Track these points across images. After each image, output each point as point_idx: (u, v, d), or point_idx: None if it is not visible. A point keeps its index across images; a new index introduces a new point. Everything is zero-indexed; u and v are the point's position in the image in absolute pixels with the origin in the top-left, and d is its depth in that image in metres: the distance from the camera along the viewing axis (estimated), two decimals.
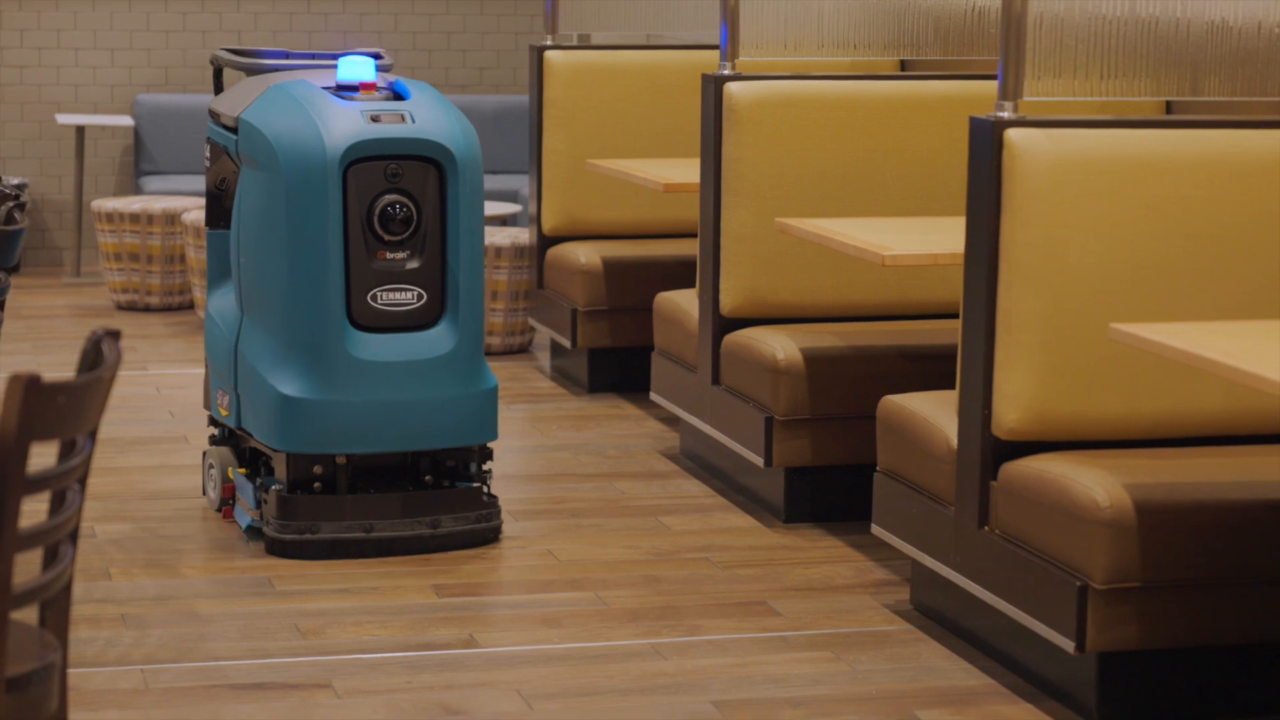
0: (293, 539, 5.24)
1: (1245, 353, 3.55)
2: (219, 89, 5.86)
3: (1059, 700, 4.33)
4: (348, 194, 5.24)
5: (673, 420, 6.85)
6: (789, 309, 5.92)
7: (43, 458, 2.80)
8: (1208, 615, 4.14)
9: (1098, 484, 4.12)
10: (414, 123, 5.28)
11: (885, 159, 5.93)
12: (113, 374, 2.76)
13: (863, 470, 5.27)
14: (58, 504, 2.86)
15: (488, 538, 5.42)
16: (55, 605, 2.97)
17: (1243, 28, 4.61)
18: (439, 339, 5.33)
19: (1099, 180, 4.37)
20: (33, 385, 2.55)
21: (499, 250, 7.89)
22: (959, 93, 5.95)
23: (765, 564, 5.31)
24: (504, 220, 8.91)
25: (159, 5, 10.21)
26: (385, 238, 5.27)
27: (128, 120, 10.00)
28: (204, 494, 5.79)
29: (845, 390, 5.60)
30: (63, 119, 9.82)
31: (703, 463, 6.28)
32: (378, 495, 5.30)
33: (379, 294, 5.28)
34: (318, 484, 5.28)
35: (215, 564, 5.25)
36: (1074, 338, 4.37)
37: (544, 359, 7.97)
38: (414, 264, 5.30)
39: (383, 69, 5.55)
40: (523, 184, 9.91)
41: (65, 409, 2.64)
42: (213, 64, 5.83)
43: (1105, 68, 4.60)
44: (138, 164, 10.16)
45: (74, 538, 2.89)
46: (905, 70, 6.38)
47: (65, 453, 2.82)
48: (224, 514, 5.58)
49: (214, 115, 5.63)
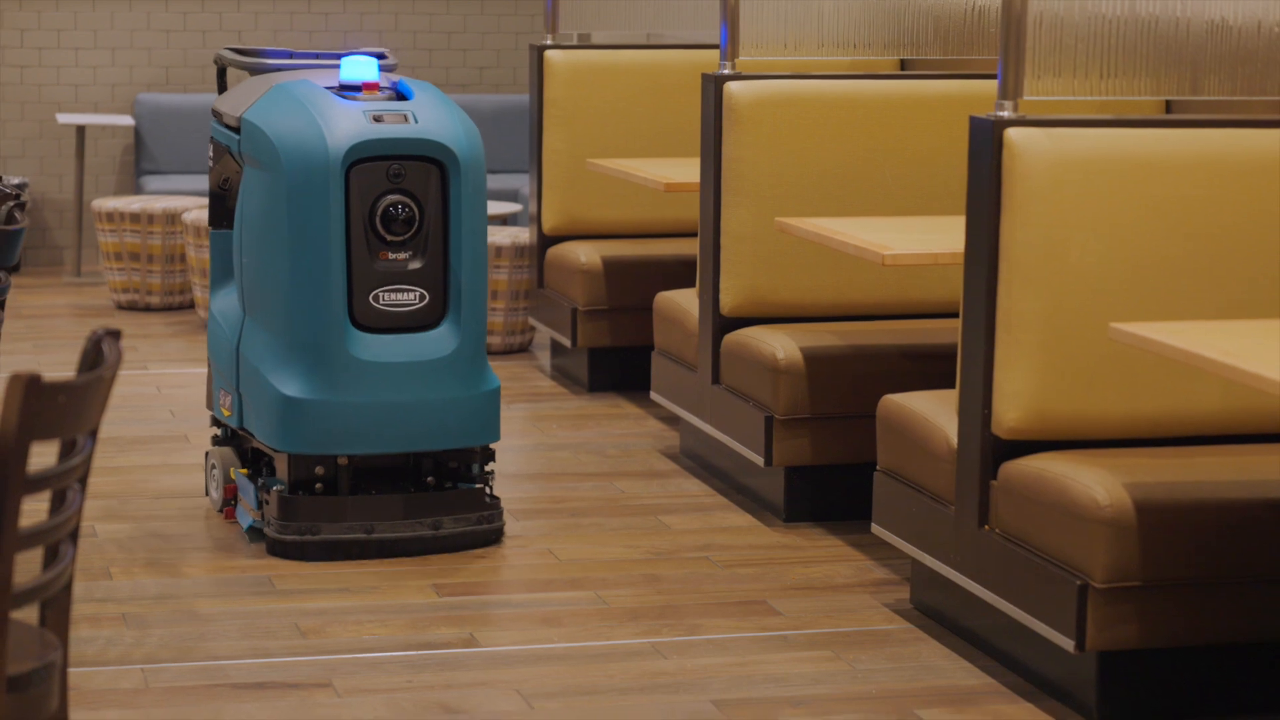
0: (293, 540, 5.24)
1: (1245, 352, 3.55)
2: (223, 88, 5.84)
3: (1059, 699, 4.33)
4: (350, 194, 5.23)
5: (673, 419, 6.85)
6: (789, 308, 5.92)
7: (43, 457, 2.80)
8: (1207, 614, 4.14)
9: (1097, 483, 4.12)
10: (416, 123, 5.27)
11: (885, 158, 5.93)
12: (113, 373, 2.76)
13: (863, 469, 5.27)
14: (58, 503, 2.86)
15: (490, 539, 5.41)
16: (56, 604, 2.97)
17: (1242, 27, 4.61)
18: (441, 340, 5.31)
19: (1099, 179, 4.37)
20: (33, 385, 2.56)
21: (499, 249, 7.89)
22: (959, 92, 5.95)
23: (765, 563, 5.31)
24: (504, 220, 8.91)
25: (159, 5, 10.21)
26: (387, 238, 5.25)
27: (128, 120, 9.99)
28: (206, 494, 5.78)
29: (845, 389, 5.60)
30: (63, 118, 9.82)
31: (703, 462, 6.28)
32: (379, 496, 5.28)
33: (381, 294, 5.27)
34: (319, 485, 5.27)
35: (216, 563, 5.25)
36: (1074, 337, 4.37)
37: (544, 358, 7.98)
38: (416, 264, 5.28)
39: (386, 69, 5.54)
40: (523, 183, 9.91)
41: (66, 408, 2.64)
42: (216, 63, 5.82)
43: (1105, 67, 4.60)
44: (138, 163, 10.16)
45: (74, 537, 2.89)
46: (905, 70, 6.38)
47: (66, 452, 2.82)
48: (226, 514, 5.57)
49: (217, 115, 5.62)
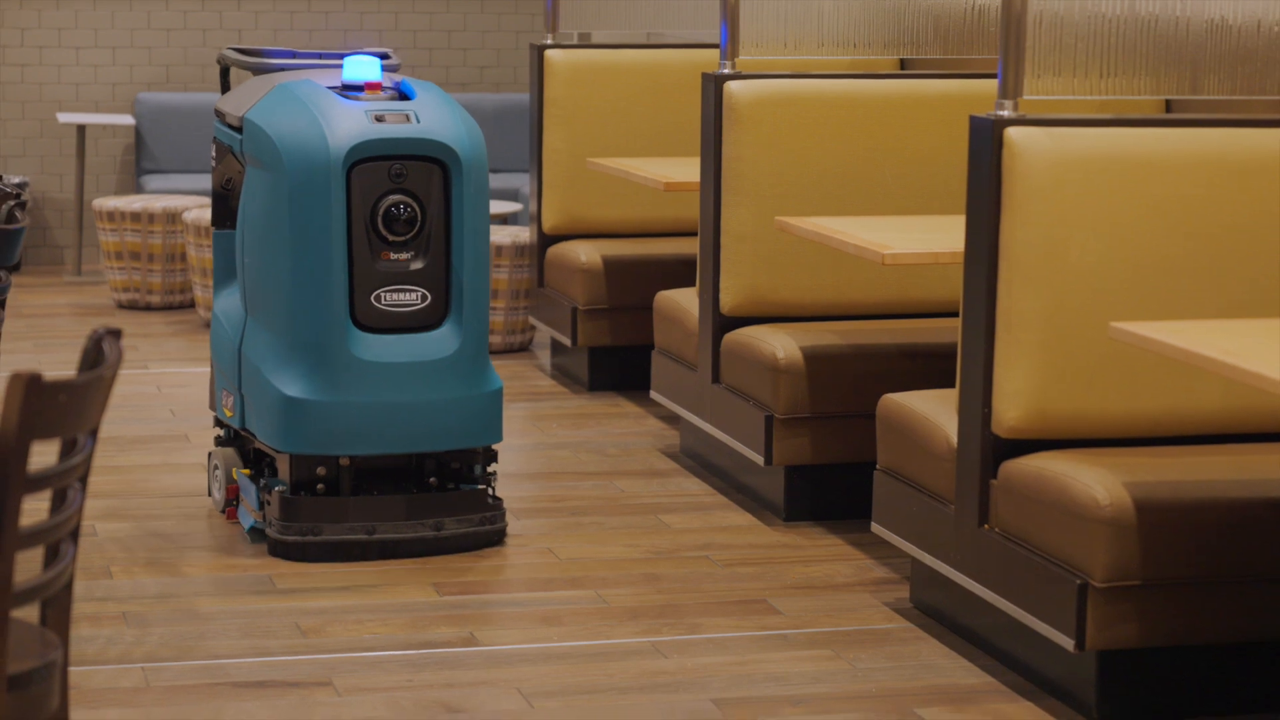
0: (295, 541, 5.23)
1: (1245, 351, 3.55)
2: (226, 88, 5.83)
3: (1059, 698, 4.33)
4: (351, 194, 5.21)
5: (673, 418, 6.85)
6: (789, 307, 5.92)
7: (44, 456, 2.80)
8: (1207, 613, 4.14)
9: (1098, 482, 4.12)
10: (418, 123, 5.25)
11: (885, 158, 5.93)
12: (114, 373, 2.76)
13: (863, 468, 5.27)
14: (59, 502, 2.87)
15: (492, 540, 5.39)
16: (56, 603, 2.97)
17: (1242, 26, 4.61)
18: (443, 340, 5.30)
19: (1099, 179, 4.37)
20: (34, 384, 2.56)
21: (499, 249, 7.89)
22: (959, 91, 5.95)
23: (765, 562, 5.32)
24: (504, 219, 8.91)
25: (160, 4, 10.21)
26: (389, 238, 5.24)
27: (129, 119, 9.99)
28: (209, 494, 5.78)
29: (845, 389, 5.60)
30: (64, 118, 9.82)
31: (703, 461, 6.28)
32: (381, 497, 5.27)
33: (383, 295, 5.26)
34: (321, 485, 5.26)
35: (216, 562, 5.25)
36: (1074, 336, 4.37)
37: (544, 357, 7.98)
38: (418, 265, 5.27)
39: (390, 69, 5.53)
40: (523, 182, 9.92)
41: (66, 407, 2.64)
42: (219, 63, 5.80)
43: (1105, 66, 4.60)
44: (139, 163, 10.16)
45: (75, 536, 2.90)
46: (905, 69, 6.38)
47: (66, 451, 2.83)
48: (228, 515, 5.56)
49: (220, 115, 5.60)
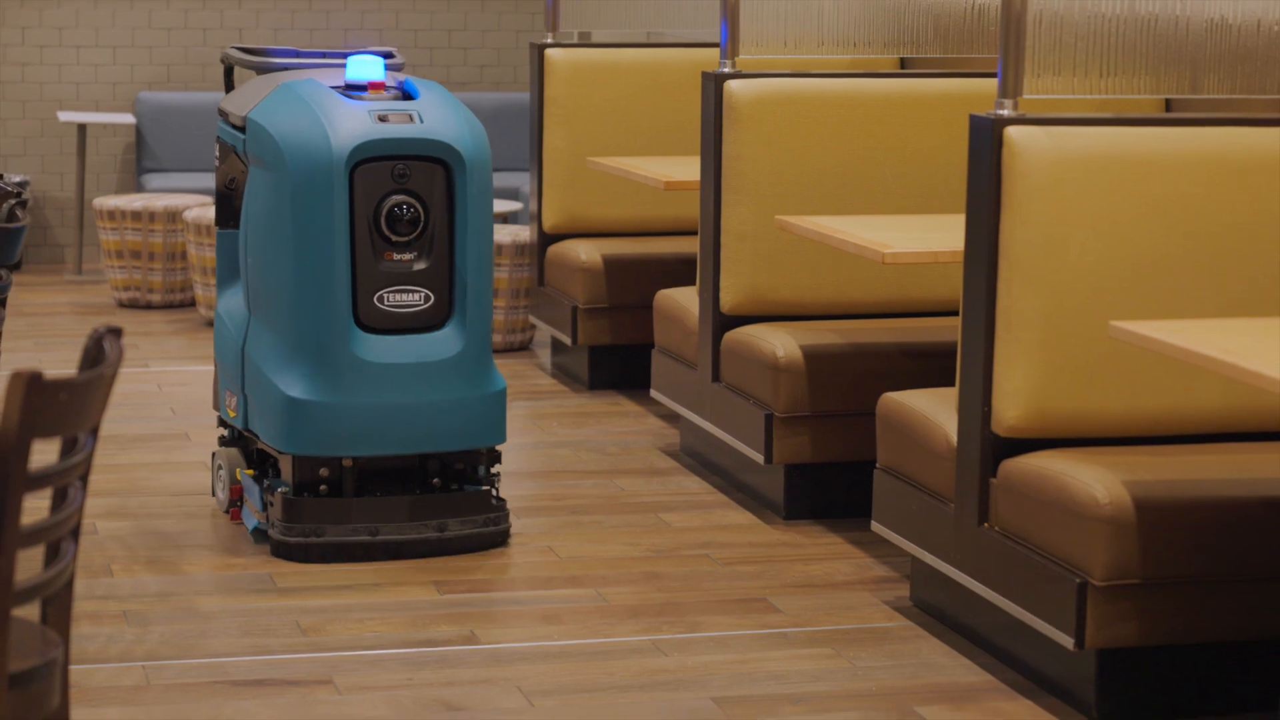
0: (298, 542, 5.21)
1: (1244, 350, 3.55)
2: (229, 88, 5.82)
3: (1058, 696, 4.34)
4: (354, 194, 5.20)
5: (673, 417, 6.86)
6: (789, 306, 5.92)
7: (44, 455, 2.81)
8: (1206, 612, 4.14)
9: (1097, 481, 4.13)
10: (422, 123, 5.24)
11: (885, 157, 5.93)
12: (114, 371, 2.77)
13: (863, 467, 5.27)
14: (59, 501, 2.87)
15: (495, 541, 5.37)
16: (57, 602, 2.97)
17: (1242, 25, 4.62)
18: (447, 340, 5.29)
19: (1099, 178, 4.37)
20: (34, 382, 2.56)
21: (500, 248, 7.89)
22: (959, 91, 5.95)
23: (765, 561, 5.32)
24: (505, 218, 8.92)
25: (160, 3, 10.21)
26: (392, 238, 5.23)
27: (129, 118, 10.00)
28: (213, 495, 5.78)
29: (845, 387, 5.61)
30: (64, 116, 9.83)
31: (703, 460, 6.28)
32: (384, 498, 5.26)
33: (386, 295, 5.24)
34: (324, 486, 5.25)
35: (217, 561, 5.25)
36: (1074, 335, 4.38)
37: (544, 356, 7.98)
38: (421, 265, 5.26)
39: (393, 68, 5.52)
40: (523, 181, 9.92)
41: (67, 406, 2.65)
42: (223, 63, 5.79)
43: (1105, 65, 4.60)
44: (139, 161, 10.16)
45: (76, 535, 2.90)
46: (905, 68, 6.38)
47: (67, 450, 2.83)
48: (232, 515, 5.56)
49: (223, 114, 5.59)
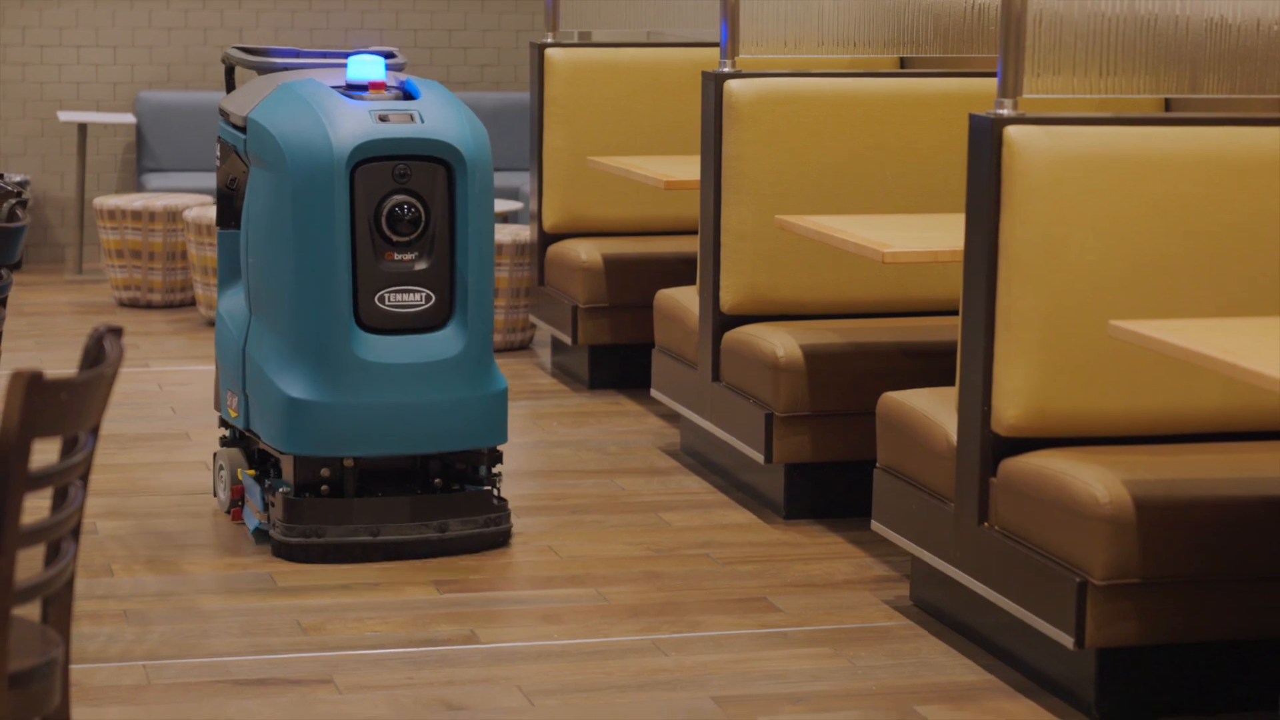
0: (298, 542, 5.21)
1: (1244, 349, 3.55)
2: (231, 88, 5.82)
3: (1058, 696, 4.34)
4: (355, 194, 5.19)
5: (673, 417, 6.86)
6: (789, 306, 5.92)
7: (45, 454, 2.81)
8: (1206, 611, 4.14)
9: (1097, 480, 4.13)
10: (423, 123, 5.23)
11: (885, 156, 5.93)
12: (115, 371, 2.77)
13: (863, 466, 5.27)
14: (60, 500, 2.87)
15: (497, 542, 5.37)
16: (57, 601, 2.98)
17: (1241, 25, 4.62)
18: (448, 341, 5.28)
19: (1098, 177, 4.37)
20: (35, 382, 2.56)
21: (500, 247, 7.90)
22: (959, 90, 5.95)
23: (765, 560, 5.32)
24: (505, 217, 8.92)
25: (161, 3, 10.21)
26: (393, 239, 5.22)
27: (129, 118, 10.00)
28: (214, 495, 5.78)
29: (845, 387, 5.61)
30: (65, 116, 9.83)
31: (703, 459, 6.29)
32: (385, 498, 5.25)
33: (387, 295, 5.24)
34: (325, 487, 5.24)
35: (217, 560, 5.25)
36: (1073, 334, 4.38)
37: (545, 355, 7.98)
38: (422, 265, 5.25)
39: (395, 68, 5.52)
40: (524, 181, 9.92)
41: (67, 406, 2.65)
42: (224, 63, 5.79)
43: (1104, 65, 4.60)
44: (139, 161, 10.16)
45: (76, 534, 2.90)
46: (905, 68, 6.38)
47: (67, 449, 2.83)
48: (233, 516, 5.55)
49: (224, 114, 5.58)
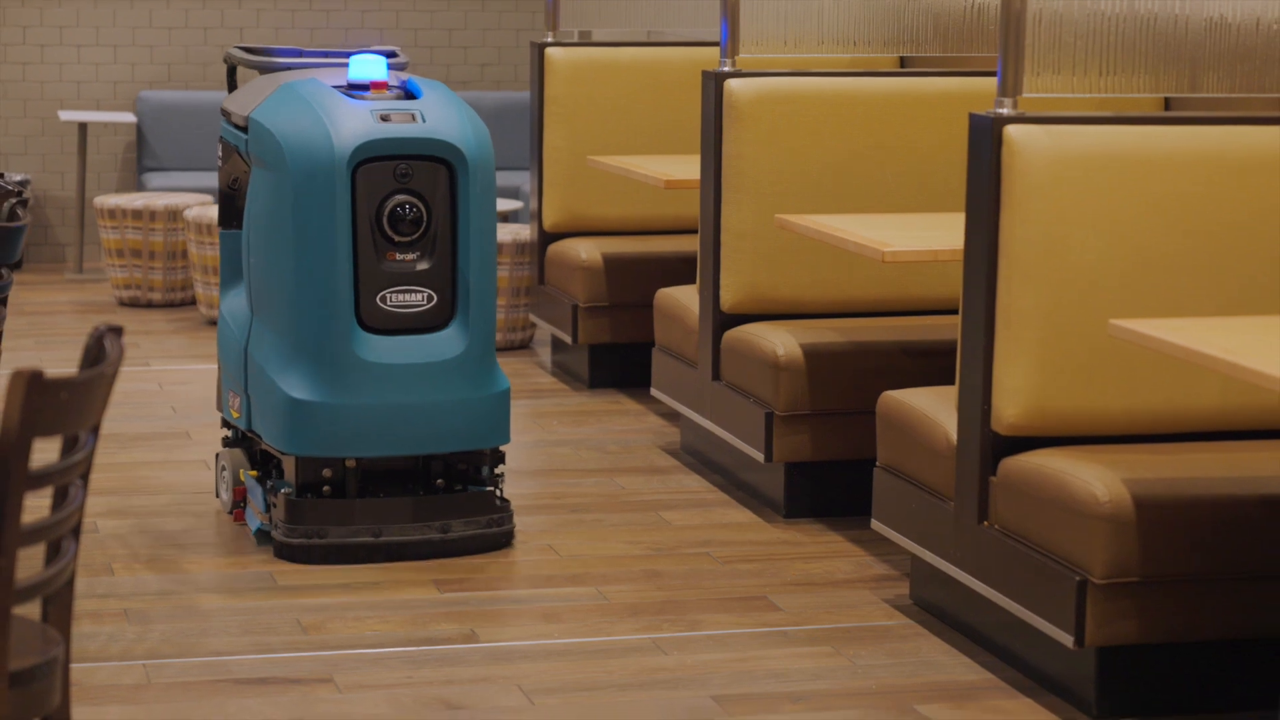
0: (300, 543, 5.20)
1: (1244, 348, 3.56)
2: (233, 87, 5.81)
3: (1058, 694, 4.34)
4: (356, 194, 5.18)
5: (673, 416, 6.86)
6: (789, 305, 5.93)
7: (45, 453, 2.81)
8: (1206, 610, 4.15)
9: (1097, 479, 4.13)
10: (424, 122, 5.22)
11: (885, 155, 5.94)
12: (115, 370, 2.77)
13: (863, 465, 5.28)
14: (60, 499, 2.87)
15: (499, 542, 5.35)
16: (58, 600, 2.98)
17: (1241, 24, 4.62)
18: (449, 341, 5.28)
19: (1098, 176, 4.38)
20: (35, 381, 2.57)
21: (500, 246, 7.90)
22: (958, 89, 5.95)
23: (765, 559, 5.32)
24: (505, 216, 8.92)
25: (161, 2, 10.21)
26: (395, 238, 5.21)
27: (130, 117, 10.00)
28: (217, 496, 5.77)
29: (845, 386, 5.61)
30: (65, 115, 9.83)
31: (703, 458, 6.29)
32: (387, 499, 5.24)
33: (388, 295, 5.23)
34: (327, 487, 5.24)
35: (217, 559, 5.26)
36: (1073, 333, 4.38)
37: (545, 355, 7.99)
38: (424, 265, 5.24)
39: (397, 68, 5.51)
40: (524, 180, 9.92)
41: (68, 405, 2.65)
42: (226, 62, 5.78)
43: (1104, 64, 4.60)
44: (140, 160, 10.17)
45: (76, 533, 2.91)
46: (905, 67, 6.38)
47: (68, 448, 2.83)
48: (235, 516, 5.54)
49: (225, 114, 5.57)
